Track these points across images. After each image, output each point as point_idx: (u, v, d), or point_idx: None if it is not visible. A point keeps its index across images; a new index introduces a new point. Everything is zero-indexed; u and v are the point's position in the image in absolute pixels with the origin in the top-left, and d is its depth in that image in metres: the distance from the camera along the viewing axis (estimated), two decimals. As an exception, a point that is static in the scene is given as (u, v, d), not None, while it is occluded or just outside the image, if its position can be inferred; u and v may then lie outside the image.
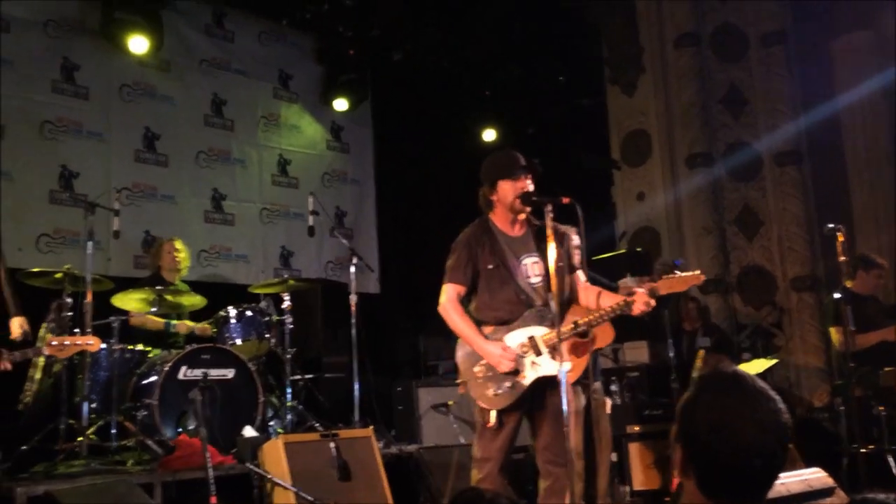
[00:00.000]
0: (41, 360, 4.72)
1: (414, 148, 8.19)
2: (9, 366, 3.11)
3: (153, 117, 6.93)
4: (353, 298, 6.02)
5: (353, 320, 5.99)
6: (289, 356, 5.73)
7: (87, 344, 3.42)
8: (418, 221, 8.05)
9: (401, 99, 8.24)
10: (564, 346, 3.40)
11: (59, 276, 4.96)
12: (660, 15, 8.39)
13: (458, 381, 3.58)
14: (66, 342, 3.31)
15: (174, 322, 5.65)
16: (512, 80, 8.23)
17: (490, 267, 3.51)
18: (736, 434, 1.47)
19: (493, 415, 3.42)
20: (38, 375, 4.80)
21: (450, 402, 5.62)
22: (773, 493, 1.56)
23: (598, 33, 8.64)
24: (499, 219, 3.61)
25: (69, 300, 5.03)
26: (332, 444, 4.46)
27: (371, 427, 4.95)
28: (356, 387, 5.92)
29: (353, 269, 6.15)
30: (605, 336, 4.33)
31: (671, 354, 5.40)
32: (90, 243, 5.09)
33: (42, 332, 4.62)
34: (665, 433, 5.15)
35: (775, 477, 1.53)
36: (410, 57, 7.99)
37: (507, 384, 3.41)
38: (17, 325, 1.84)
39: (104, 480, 4.02)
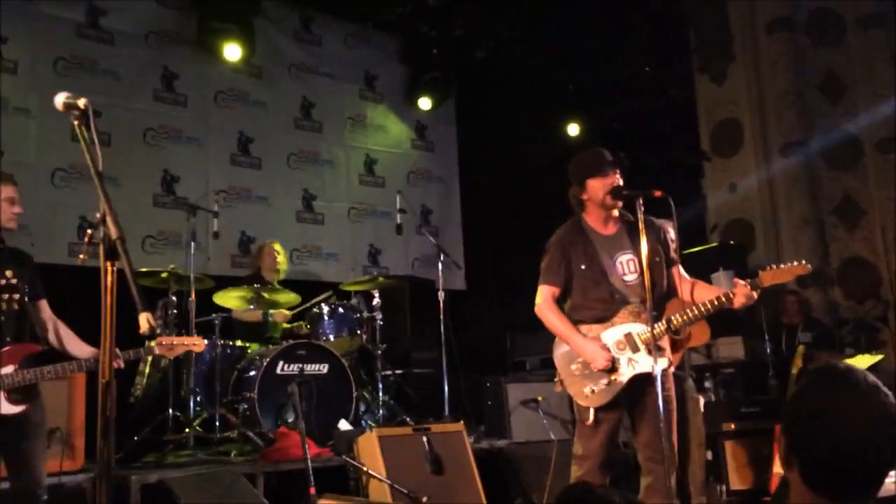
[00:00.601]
0: (150, 356, 4.99)
1: (497, 144, 8.21)
2: (121, 363, 3.33)
3: (247, 122, 7.19)
4: (441, 295, 6.11)
5: (442, 316, 6.08)
6: (379, 352, 5.87)
7: (193, 345, 3.61)
8: (503, 217, 8.07)
9: (484, 96, 8.27)
10: (663, 343, 3.38)
11: (164, 275, 5.23)
12: (750, 0, 8.15)
13: (556, 379, 3.59)
14: (174, 342, 3.51)
15: (272, 311, 5.86)
16: (596, 73, 8.14)
17: (583, 267, 3.51)
18: (841, 424, 1.43)
19: (590, 412, 3.42)
20: (147, 370, 5.09)
21: (539, 398, 5.63)
22: (884, 492, 1.51)
23: (685, 22, 8.45)
24: (591, 218, 3.59)
25: (174, 298, 5.30)
26: (424, 438, 4.54)
27: (462, 422, 5.02)
28: (445, 382, 6.01)
29: (440, 265, 6.24)
30: (700, 334, 4.25)
31: (768, 350, 5.26)
32: (193, 244, 5.35)
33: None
34: (763, 431, 5.02)
35: (885, 474, 1.48)
36: (493, 54, 8.01)
37: (604, 382, 3.40)
38: (144, 320, 1.98)
39: (211, 470, 4.22)
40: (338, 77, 7.84)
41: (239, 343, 5.62)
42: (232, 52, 6.80)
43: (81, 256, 2.02)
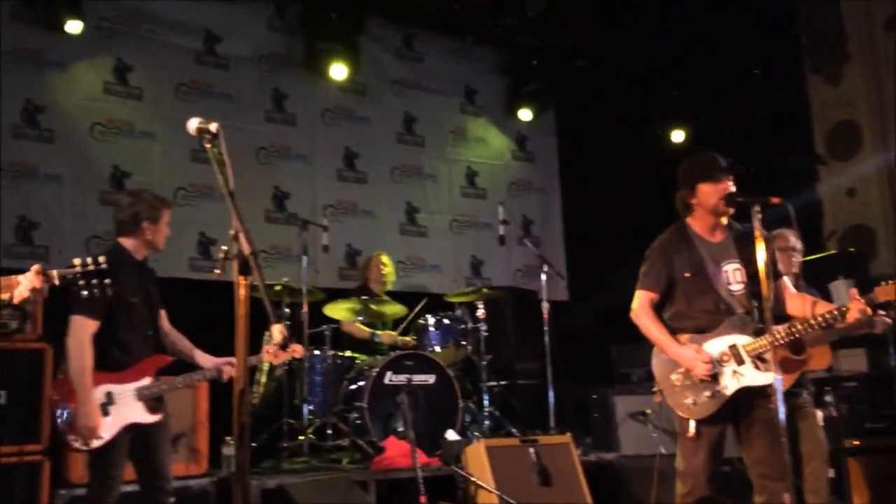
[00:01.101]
0: (266, 366, 5.20)
1: (599, 154, 8.12)
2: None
3: (352, 138, 7.41)
4: (545, 306, 6.10)
5: (546, 328, 6.06)
6: (484, 363, 5.90)
7: (293, 351, 3.80)
8: (606, 227, 7.96)
9: (585, 105, 8.21)
10: (773, 357, 3.25)
11: (278, 288, 5.45)
12: (866, -2, 7.76)
13: (655, 389, 3.52)
14: (278, 350, 3.73)
15: (379, 332, 6.00)
16: (701, 77, 7.94)
17: (687, 275, 3.41)
18: None
19: (691, 425, 3.33)
20: (263, 379, 5.31)
21: (647, 411, 5.52)
22: None
23: (795, 22, 8.13)
24: (698, 224, 3.50)
25: (287, 310, 5.51)
26: (531, 450, 4.55)
27: (569, 434, 4.99)
28: (550, 393, 5.98)
29: (543, 276, 6.23)
30: (820, 358, 4.06)
31: (893, 363, 4.98)
32: (305, 258, 5.55)
33: (266, 339, 5.09)
34: (889, 448, 4.76)
35: None
36: (594, 62, 7.95)
37: (707, 393, 3.30)
38: (277, 331, 2.11)
39: (327, 477, 4.36)
40: (439, 92, 7.97)
41: (348, 354, 5.78)
42: (338, 71, 7.03)
43: (217, 272, 2.14)
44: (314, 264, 6.74)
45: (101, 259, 2.44)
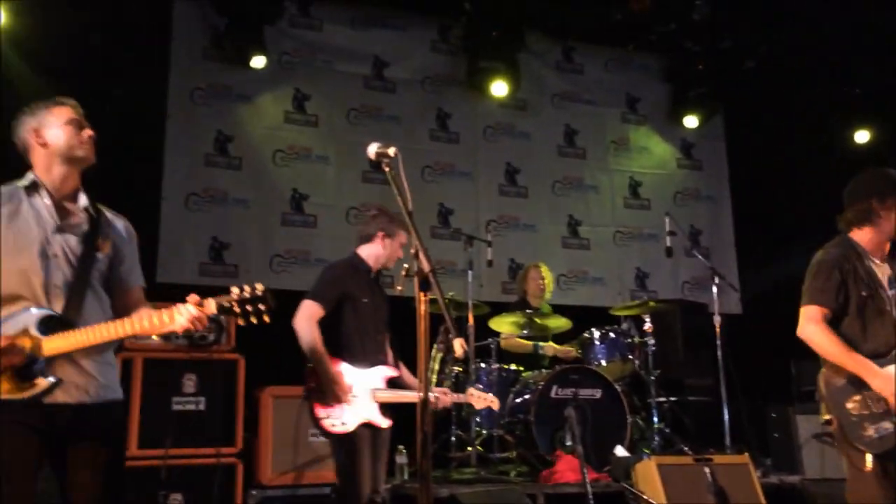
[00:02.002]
0: (434, 378, 5.36)
1: (773, 158, 7.71)
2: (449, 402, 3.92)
3: (513, 153, 7.51)
4: (716, 319, 5.87)
5: (718, 342, 5.83)
6: (652, 378, 5.76)
7: (491, 402, 4.12)
8: (782, 236, 7.53)
9: (756, 108, 7.83)
10: None
11: (445, 302, 5.59)
12: None
13: (825, 417, 3.22)
14: (484, 397, 4.11)
15: (542, 345, 6.01)
16: (887, 72, 7.34)
17: (864, 294, 3.13)
18: None
19: (868, 459, 3.03)
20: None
21: (828, 429, 5.15)
22: None
23: None
24: (865, 240, 3.22)
25: (448, 324, 5.64)
26: (706, 469, 4.38)
27: (746, 454, 4.76)
28: (725, 411, 5.74)
29: (714, 288, 6.00)
30: None
31: None
32: (470, 272, 5.68)
33: (433, 352, 5.25)
34: None
35: None
36: (764, 63, 7.58)
37: (887, 425, 2.98)
38: (458, 345, 2.20)
39: (497, 488, 4.42)
40: (599, 102, 7.91)
41: (513, 367, 5.83)
42: (499, 88, 7.16)
43: (398, 288, 2.27)
44: (478, 278, 6.87)
45: (259, 287, 2.55)
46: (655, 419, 5.68)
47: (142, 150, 5.94)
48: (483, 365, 5.69)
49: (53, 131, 2.62)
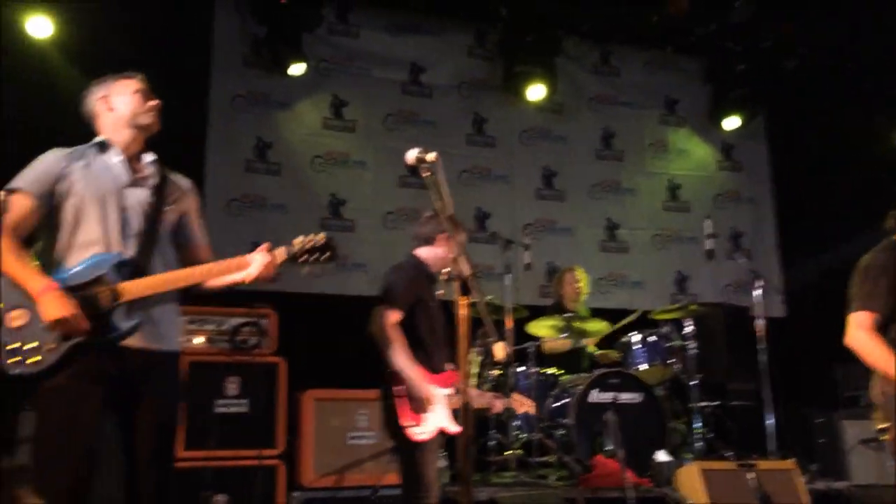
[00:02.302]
0: (474, 381, 5.36)
1: (816, 159, 7.58)
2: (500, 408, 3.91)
3: (550, 157, 7.49)
4: (759, 323, 5.78)
5: (761, 346, 5.74)
6: (694, 382, 5.69)
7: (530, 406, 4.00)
8: (826, 237, 7.39)
9: (798, 109, 7.71)
10: None
11: (485, 306, 5.59)
12: None
13: (880, 426, 3.14)
14: (524, 401, 4.13)
15: (584, 340, 5.96)
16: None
17: None
18: None
19: None
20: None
21: (883, 438, 5.04)
22: None
23: None
24: None
25: (488, 328, 5.63)
26: (751, 475, 4.32)
27: (792, 459, 4.68)
28: (768, 415, 5.65)
29: (757, 291, 5.91)
30: None
31: None
32: (508, 276, 5.67)
33: (472, 356, 5.26)
34: None
35: None
36: (806, 62, 7.46)
37: None
38: (500, 349, 2.21)
39: (538, 492, 4.41)
40: (637, 105, 7.86)
41: (552, 371, 5.81)
42: (535, 92, 7.15)
43: (440, 292, 2.28)
44: (515, 282, 6.84)
45: (321, 235, 2.67)
46: (697, 424, 5.60)
47: (184, 157, 6.00)
48: (521, 369, 5.68)
49: (121, 98, 2.83)
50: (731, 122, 7.87)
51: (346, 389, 5.18)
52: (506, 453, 5.35)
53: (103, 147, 2.76)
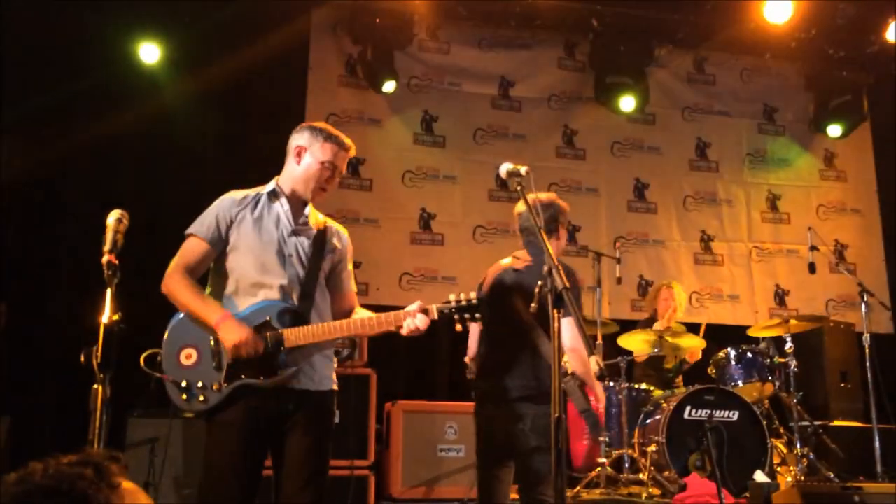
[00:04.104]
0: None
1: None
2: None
3: (642, 168, 7.38)
4: (866, 339, 5.52)
5: (868, 363, 5.48)
6: (794, 401, 5.47)
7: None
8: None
9: (906, 115, 7.34)
10: None
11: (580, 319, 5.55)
12: None
13: None
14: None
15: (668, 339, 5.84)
16: None
17: None
18: None
19: None
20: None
21: None
22: None
23: None
24: None
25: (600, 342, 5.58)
26: (856, 498, 4.11)
27: (901, 484, 4.43)
28: (875, 436, 5.37)
29: (863, 306, 5.65)
30: None
31: None
32: (598, 290, 5.62)
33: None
34: None
35: None
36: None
37: None
38: (594, 363, 2.26)
39: (627, 510, 4.33)
40: (733, 113, 7.67)
41: (644, 386, 5.70)
42: (627, 103, 7.08)
43: (532, 305, 2.30)
44: (606, 295, 6.77)
45: (472, 295, 2.73)
46: (798, 444, 5.38)
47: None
48: (612, 384, 5.60)
49: (312, 160, 2.97)
50: (834, 130, 7.57)
51: (436, 402, 5.24)
52: (597, 469, 5.28)
53: (274, 195, 2.96)
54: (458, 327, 2.75)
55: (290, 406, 2.75)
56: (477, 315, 2.71)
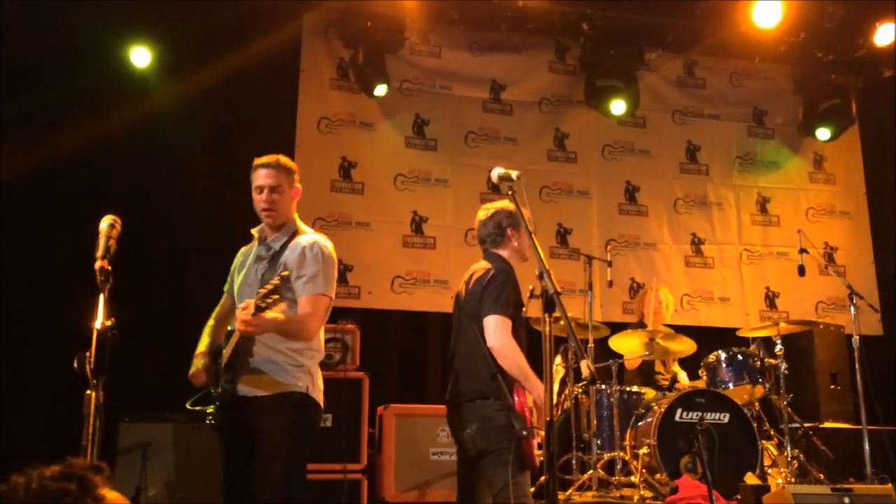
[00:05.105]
0: (553, 398, 5.33)
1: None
2: None
3: (633, 171, 7.41)
4: (855, 341, 5.56)
5: (857, 365, 5.51)
6: (785, 403, 5.50)
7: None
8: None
9: (895, 119, 7.39)
10: None
11: (562, 323, 5.56)
12: None
13: None
14: None
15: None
16: None
17: None
18: None
19: None
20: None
21: None
22: None
23: None
24: None
25: (573, 344, 5.59)
26: (846, 500, 4.15)
27: (890, 484, 4.47)
28: (865, 438, 5.40)
29: (852, 309, 5.68)
30: None
31: None
32: (590, 293, 5.63)
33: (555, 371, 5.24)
34: None
35: None
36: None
37: None
38: (585, 367, 2.24)
39: (620, 512, 4.35)
40: (723, 117, 7.70)
41: (635, 388, 5.72)
42: (617, 106, 7.09)
43: (524, 309, 2.31)
44: (597, 298, 6.79)
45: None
46: (788, 446, 5.41)
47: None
48: (603, 386, 5.61)
49: (254, 193, 3.34)
50: (823, 134, 7.61)
51: (428, 405, 5.24)
52: (589, 472, 5.28)
53: (255, 238, 3.41)
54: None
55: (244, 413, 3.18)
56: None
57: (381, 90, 6.65)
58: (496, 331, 3.25)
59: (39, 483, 1.12)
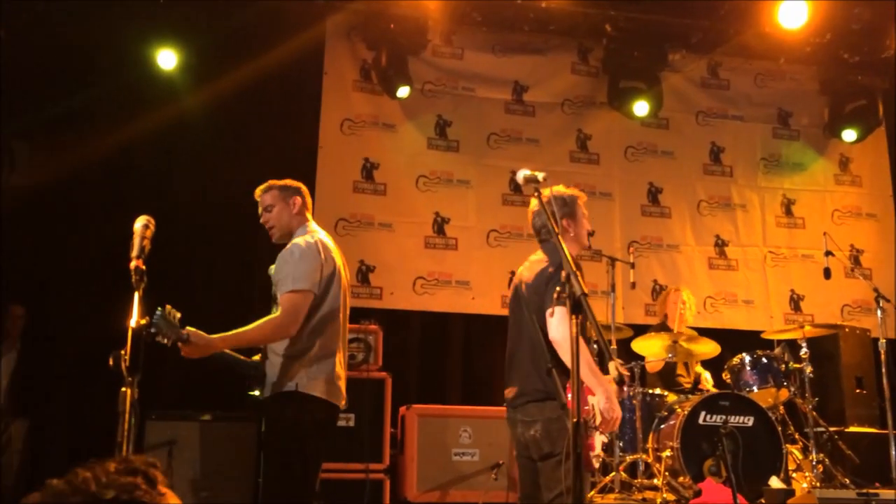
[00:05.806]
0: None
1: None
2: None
3: (656, 173, 7.37)
4: (881, 344, 5.49)
5: (883, 369, 5.45)
6: (810, 406, 5.45)
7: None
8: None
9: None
10: None
11: (588, 324, 5.55)
12: None
13: None
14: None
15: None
16: None
17: None
18: None
19: None
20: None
21: None
22: None
23: None
24: None
25: (595, 346, 5.58)
26: (873, 505, 4.10)
27: (918, 490, 4.42)
28: (892, 442, 5.34)
29: (878, 312, 5.61)
30: None
31: None
32: (612, 294, 5.62)
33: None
34: None
35: None
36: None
37: None
38: (613, 368, 2.23)
39: (642, 515, 4.33)
40: (748, 118, 7.65)
41: (658, 391, 5.69)
42: (640, 108, 7.06)
43: (549, 311, 2.31)
44: (620, 300, 6.76)
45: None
46: (813, 450, 5.36)
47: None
48: (626, 388, 5.58)
49: None
50: (849, 135, 7.53)
51: (450, 405, 5.24)
52: (611, 475, 5.27)
53: None
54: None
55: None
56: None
57: (403, 92, 6.68)
58: (560, 323, 3.12)
59: (108, 477, 1.13)
